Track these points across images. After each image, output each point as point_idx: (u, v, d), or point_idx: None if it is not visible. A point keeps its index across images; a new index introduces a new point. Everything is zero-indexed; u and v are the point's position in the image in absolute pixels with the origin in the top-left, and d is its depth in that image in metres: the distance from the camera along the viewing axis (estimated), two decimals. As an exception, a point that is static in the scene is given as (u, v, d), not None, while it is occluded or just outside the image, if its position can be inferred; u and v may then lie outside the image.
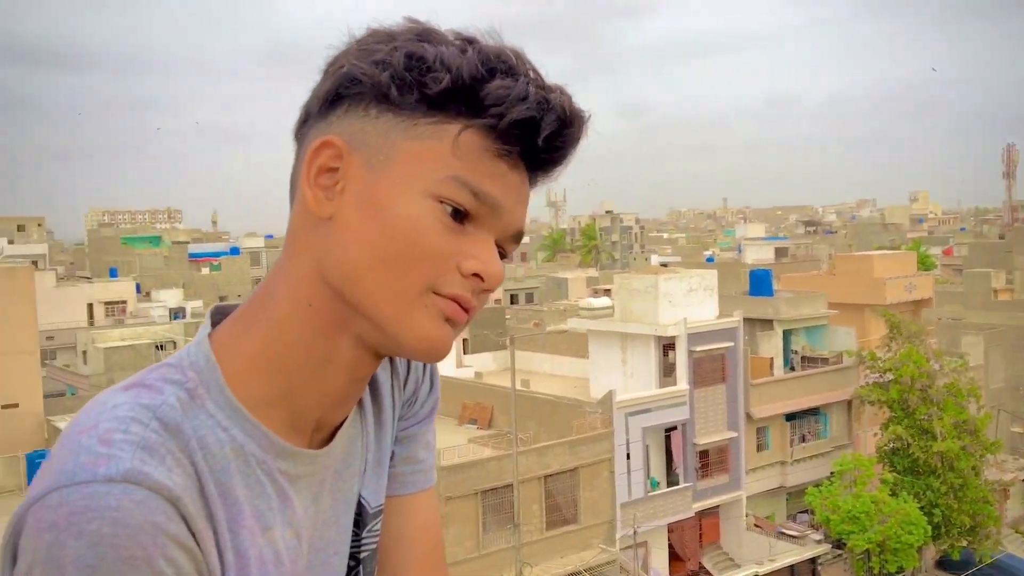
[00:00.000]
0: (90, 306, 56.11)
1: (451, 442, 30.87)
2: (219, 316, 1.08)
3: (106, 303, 57.19)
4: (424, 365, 1.29)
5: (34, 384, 31.92)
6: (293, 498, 1.04)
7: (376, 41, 0.99)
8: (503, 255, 1.03)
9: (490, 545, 28.81)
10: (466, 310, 1.00)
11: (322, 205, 0.99)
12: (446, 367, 41.17)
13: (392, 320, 0.98)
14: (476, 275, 0.98)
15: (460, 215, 0.97)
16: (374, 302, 0.98)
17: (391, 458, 1.25)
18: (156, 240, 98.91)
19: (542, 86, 0.97)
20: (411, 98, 0.96)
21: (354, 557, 1.18)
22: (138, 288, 62.40)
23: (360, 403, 1.16)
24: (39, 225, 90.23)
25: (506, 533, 28.57)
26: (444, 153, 0.96)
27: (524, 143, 0.97)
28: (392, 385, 1.23)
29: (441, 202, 0.96)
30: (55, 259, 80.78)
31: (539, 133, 0.97)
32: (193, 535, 0.90)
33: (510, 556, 28.41)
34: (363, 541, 1.19)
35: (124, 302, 57.85)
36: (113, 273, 69.64)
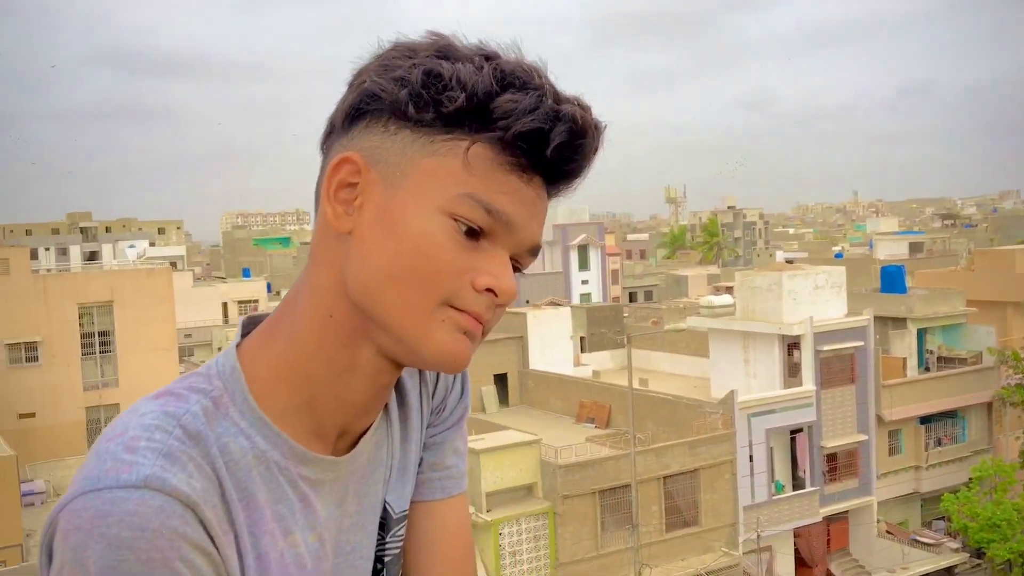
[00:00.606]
0: (224, 305, 58.63)
1: (568, 440, 30.84)
2: (250, 326, 1.12)
3: (239, 302, 59.64)
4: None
5: (172, 379, 33.66)
6: (315, 503, 1.08)
7: (397, 56, 1.01)
8: (519, 269, 1.05)
9: (608, 545, 28.62)
10: (481, 323, 1.02)
11: (342, 220, 1.02)
12: (564, 366, 41.23)
13: (410, 333, 1.00)
14: (490, 290, 1.00)
15: (474, 231, 0.99)
16: (392, 316, 1.00)
17: (420, 464, 1.28)
18: (286, 241, 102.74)
19: (555, 98, 0.98)
20: (428, 115, 0.98)
21: (379, 560, 1.22)
22: (268, 287, 64.89)
23: (386, 410, 1.19)
24: (178, 228, 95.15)
25: (624, 534, 28.31)
26: (458, 170, 0.98)
27: (534, 155, 0.98)
28: (420, 393, 1.26)
29: (455, 219, 0.98)
30: (192, 260, 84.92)
31: (548, 144, 0.97)
32: (212, 539, 0.94)
33: (629, 557, 28.14)
34: (387, 545, 1.23)
35: (256, 301, 60.23)
36: (246, 273, 72.68)
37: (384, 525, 1.21)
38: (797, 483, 33.11)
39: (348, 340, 1.03)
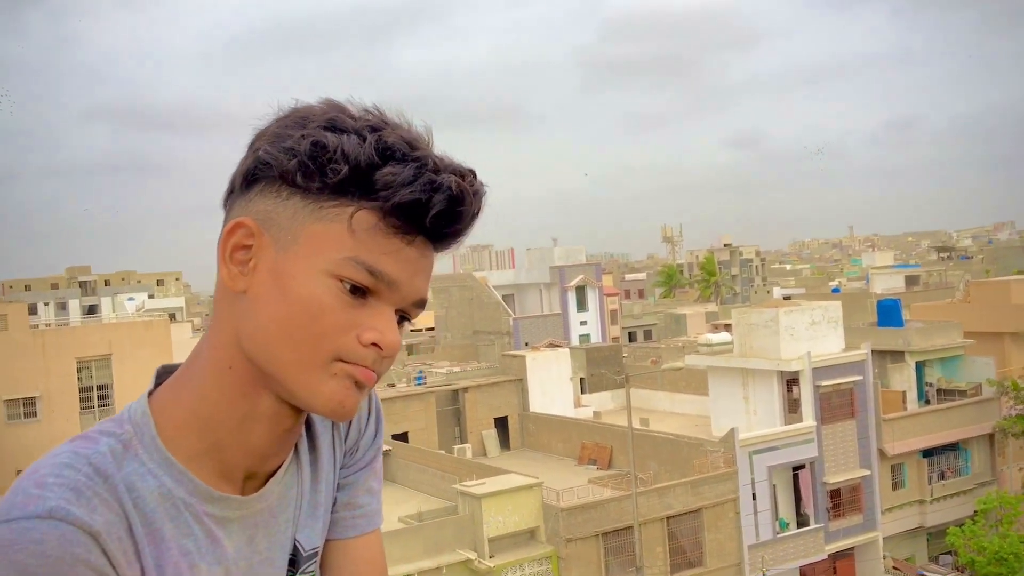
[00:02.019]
0: (223, 355, 58.45)
1: (570, 483, 30.68)
2: (164, 375, 1.21)
3: (238, 351, 59.47)
4: (369, 414, 1.39)
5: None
6: (223, 539, 1.15)
7: (290, 125, 1.09)
8: (408, 319, 1.14)
9: (613, 588, 28.33)
10: (373, 372, 1.10)
11: (236, 280, 1.10)
12: (564, 407, 41.10)
13: (301, 386, 1.09)
14: (375, 344, 1.08)
15: (360, 290, 1.07)
16: (284, 371, 1.09)
17: (334, 504, 1.35)
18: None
19: (434, 169, 1.06)
20: (315, 184, 1.06)
21: None
22: (268, 336, 64.59)
23: (297, 452, 1.27)
24: (177, 279, 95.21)
25: (629, 576, 28.07)
26: (343, 234, 1.06)
27: (416, 221, 1.07)
28: (332, 436, 1.34)
29: (341, 280, 1.06)
30: (192, 311, 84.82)
31: (428, 213, 1.06)
32: (114, 567, 1.01)
33: (634, 600, 27.86)
34: None
35: (255, 350, 59.92)
36: (245, 322, 72.47)
37: (294, 562, 1.27)
38: (801, 520, 32.87)
39: (247, 390, 1.12)
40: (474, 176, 1.10)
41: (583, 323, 59.38)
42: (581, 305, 59.76)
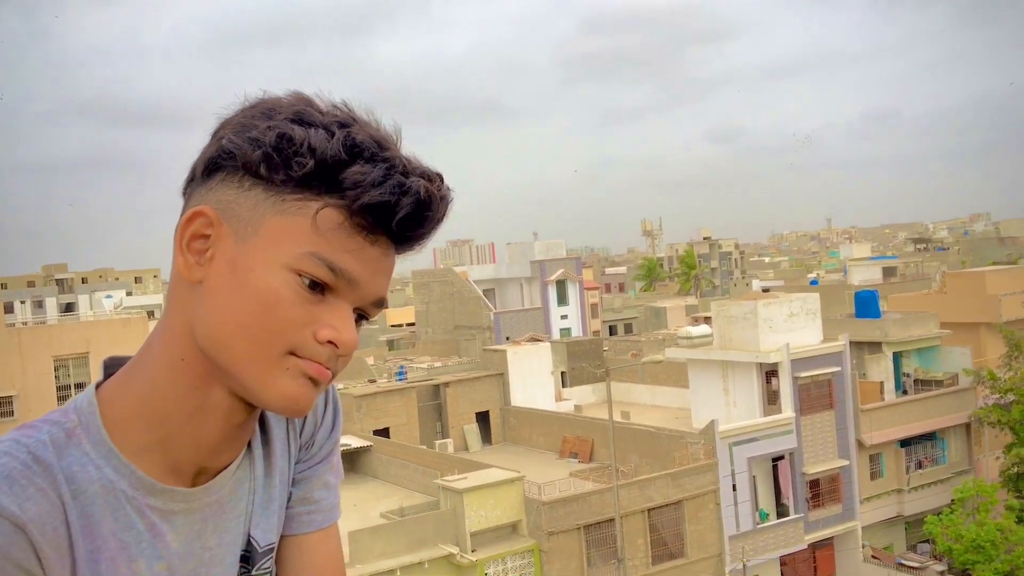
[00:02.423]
0: (203, 352, 58.09)
1: (552, 476, 30.75)
2: (113, 367, 1.18)
3: (218, 348, 59.09)
4: (326, 409, 1.35)
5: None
6: (166, 533, 1.12)
7: (256, 116, 1.07)
8: (366, 317, 1.11)
9: (595, 580, 28.44)
10: (328, 370, 1.08)
11: (193, 270, 1.08)
12: (545, 401, 41.17)
13: (254, 381, 1.06)
14: (331, 342, 1.06)
15: (319, 286, 1.05)
16: (237, 364, 1.06)
17: (289, 499, 1.32)
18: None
19: (404, 171, 1.05)
20: (279, 176, 1.04)
21: None
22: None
23: (250, 447, 1.24)
24: (155, 276, 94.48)
25: (611, 568, 28.19)
26: (305, 229, 1.04)
27: (381, 222, 1.05)
28: (287, 430, 1.31)
29: (300, 275, 1.04)
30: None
31: (394, 215, 1.04)
32: (40, 561, 0.99)
33: (616, 591, 27.98)
34: None
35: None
36: (224, 319, 72.04)
37: (249, 558, 1.24)
38: (781, 511, 33.11)
39: (199, 383, 1.09)
40: (441, 180, 1.08)
41: (564, 317, 59.48)
42: (562, 299, 59.86)
